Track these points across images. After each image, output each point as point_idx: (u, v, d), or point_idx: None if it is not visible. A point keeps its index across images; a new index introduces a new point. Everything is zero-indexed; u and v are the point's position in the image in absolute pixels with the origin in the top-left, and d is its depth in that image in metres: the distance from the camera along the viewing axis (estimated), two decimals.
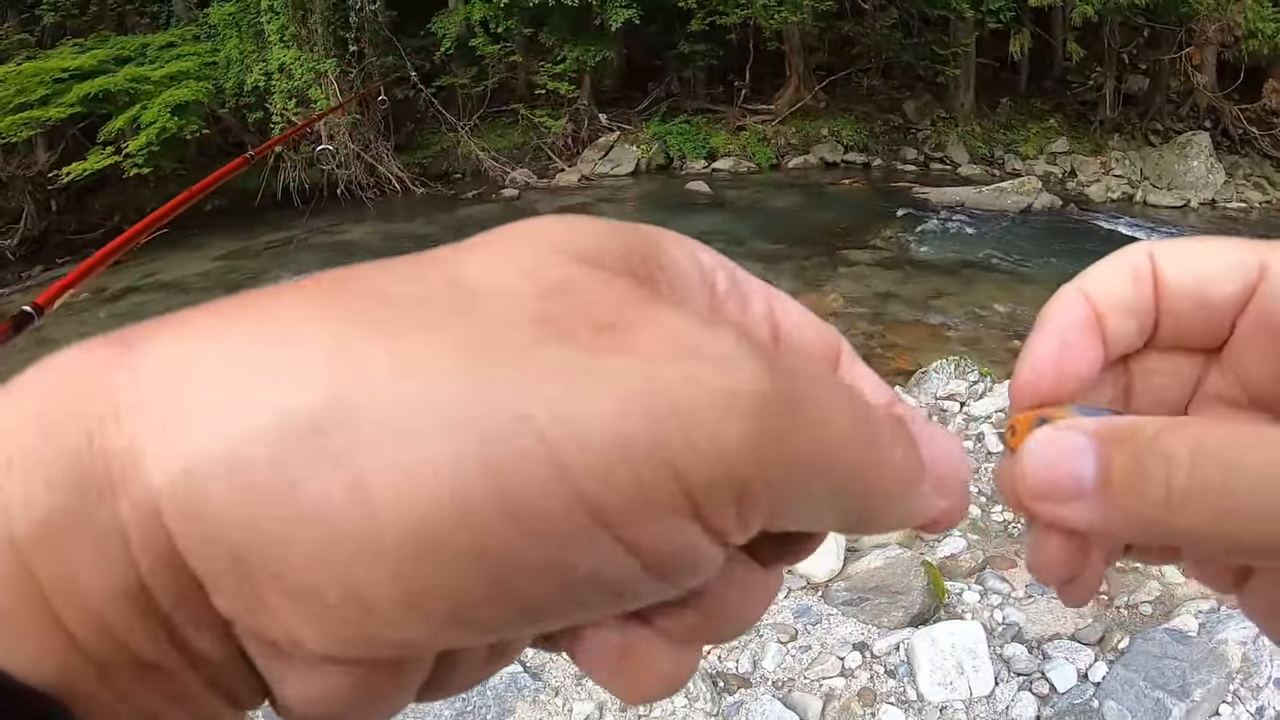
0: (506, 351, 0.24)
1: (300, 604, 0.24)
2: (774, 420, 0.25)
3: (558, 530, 0.23)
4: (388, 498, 0.22)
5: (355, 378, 0.23)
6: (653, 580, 0.26)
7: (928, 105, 19.27)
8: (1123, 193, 16.19)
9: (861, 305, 10.48)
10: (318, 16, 16.72)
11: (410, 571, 0.23)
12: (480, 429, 0.23)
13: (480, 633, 0.26)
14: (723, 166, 18.43)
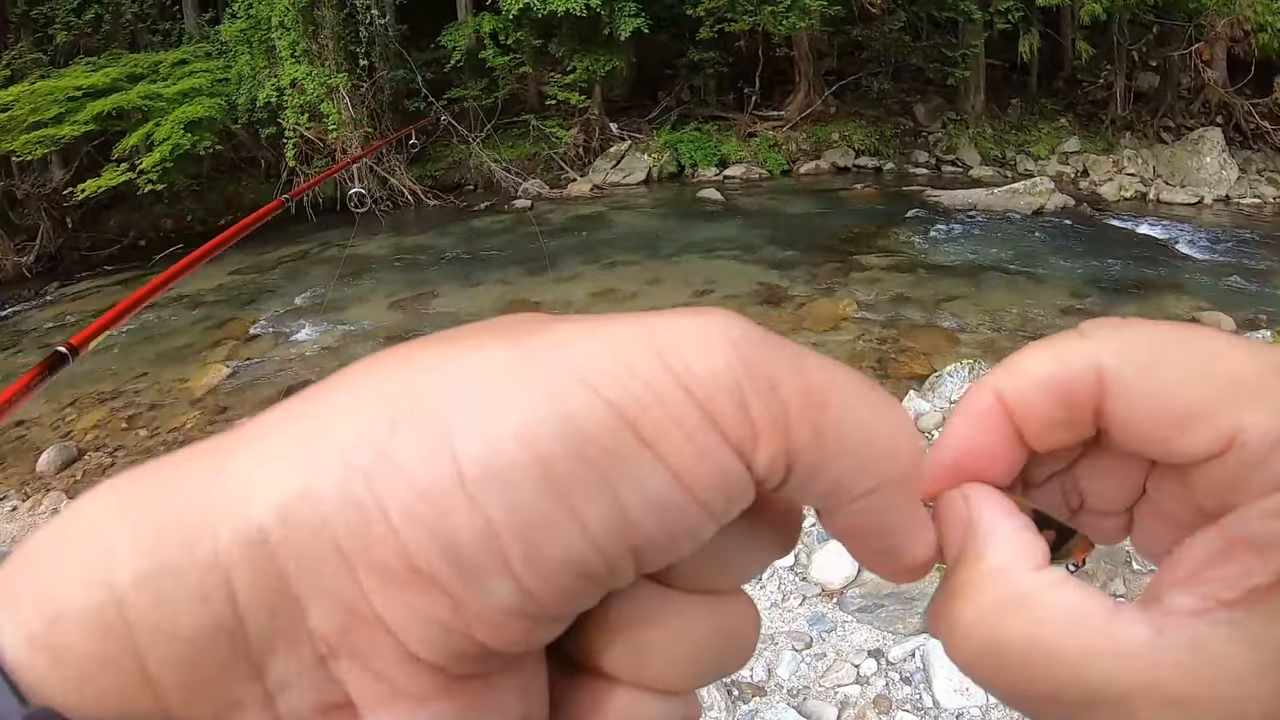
0: (539, 339, 0.29)
1: (397, 583, 0.27)
2: (747, 343, 0.29)
3: (608, 450, 0.27)
4: (465, 446, 0.26)
5: (425, 376, 0.29)
6: (696, 506, 0.29)
7: (938, 108, 19.26)
8: (1136, 191, 16.13)
9: (875, 310, 10.46)
10: (328, 32, 16.79)
11: (487, 496, 0.26)
12: (540, 383, 0.28)
13: (558, 580, 0.28)
14: (734, 173, 18.44)
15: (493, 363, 0.28)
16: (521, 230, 15.82)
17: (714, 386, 0.28)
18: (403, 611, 0.27)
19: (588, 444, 0.27)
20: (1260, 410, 0.32)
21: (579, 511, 0.27)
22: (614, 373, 0.28)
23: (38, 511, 7.63)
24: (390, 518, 0.26)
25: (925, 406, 6.90)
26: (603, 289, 12.07)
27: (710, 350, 0.29)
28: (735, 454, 0.29)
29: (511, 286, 12.64)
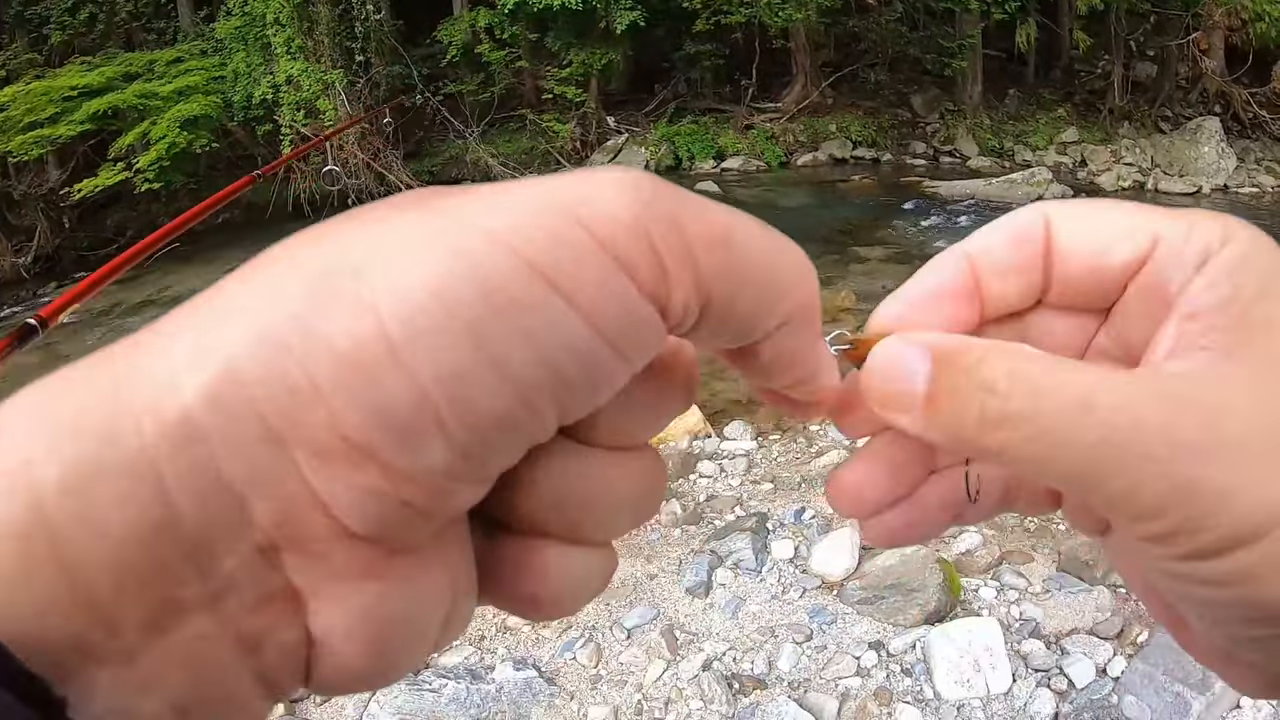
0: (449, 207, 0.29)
1: (330, 458, 0.27)
2: (650, 191, 0.30)
3: (520, 299, 0.28)
4: (386, 308, 0.27)
5: (338, 246, 0.29)
6: (609, 350, 0.30)
7: (935, 99, 19.22)
8: (1134, 181, 16.10)
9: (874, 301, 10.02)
10: (324, 28, 16.76)
11: (413, 356, 0.27)
12: (449, 242, 0.28)
13: (487, 435, 0.29)
14: (732, 166, 18.41)
15: (403, 229, 0.29)
16: None
17: (620, 231, 0.29)
18: (337, 485, 0.27)
19: (499, 294, 0.28)
20: (1170, 223, 0.40)
21: (501, 362, 0.28)
22: (520, 226, 0.28)
23: None
24: (319, 389, 0.26)
25: None
26: None
27: (616, 199, 0.30)
28: (647, 297, 0.30)
29: None
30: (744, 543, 5.29)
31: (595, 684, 4.56)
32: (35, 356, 5.17)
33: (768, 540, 5.42)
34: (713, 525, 5.78)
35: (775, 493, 6.15)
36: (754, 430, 7.16)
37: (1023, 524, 5.43)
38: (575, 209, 0.29)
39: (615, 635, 4.85)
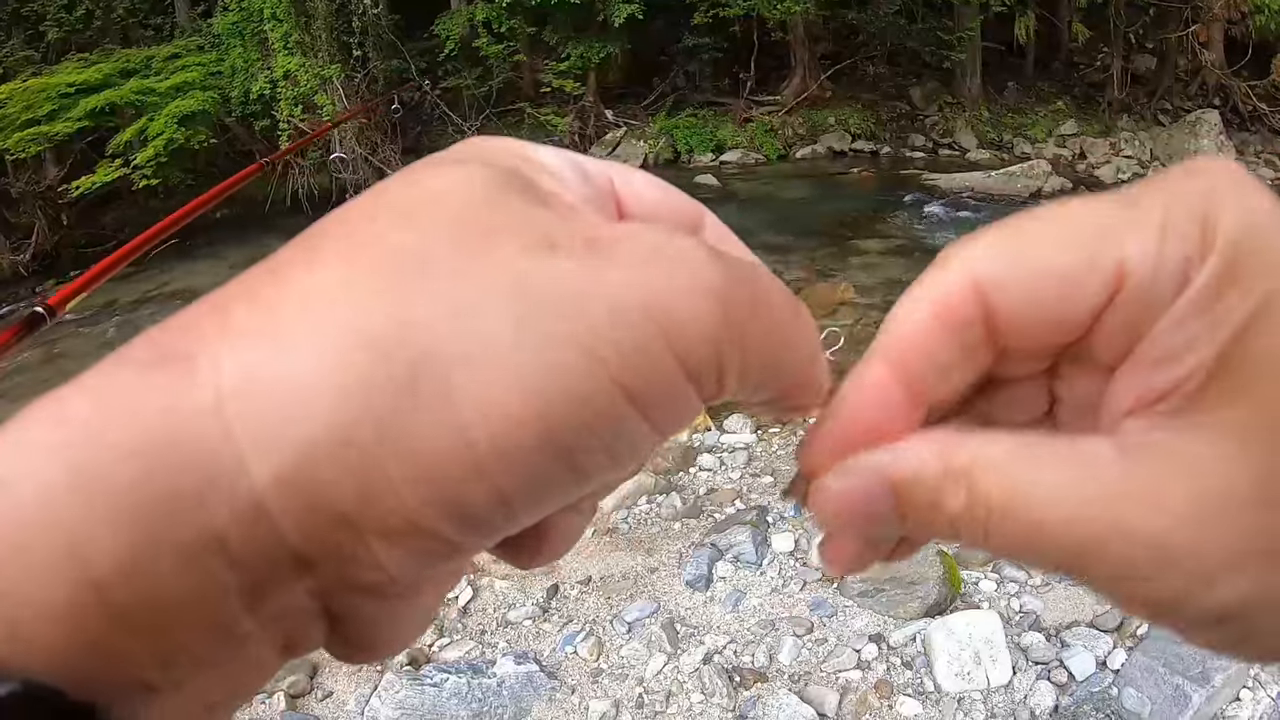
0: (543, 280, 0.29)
1: (402, 541, 0.28)
2: (734, 302, 0.30)
3: (607, 415, 0.28)
4: (473, 418, 0.27)
5: (424, 331, 0.27)
6: (656, 435, 0.31)
7: (934, 91, 19.19)
8: (1133, 173, 16.07)
9: (873, 294, 10.43)
10: (321, 23, 16.73)
11: (499, 473, 0.27)
12: (542, 353, 0.28)
13: (542, 512, 0.30)
14: (731, 159, 18.38)
15: (489, 311, 0.28)
16: None
17: (698, 350, 0.29)
18: (396, 552, 0.28)
19: (590, 413, 0.28)
20: (1137, 238, 0.32)
21: (581, 469, 0.29)
22: (611, 338, 0.28)
23: None
24: (396, 487, 0.27)
25: None
26: None
27: (699, 311, 0.29)
28: (700, 400, 0.31)
29: None
30: (744, 536, 5.30)
31: (596, 678, 4.57)
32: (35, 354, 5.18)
33: (768, 533, 5.42)
34: (713, 519, 5.79)
35: (775, 486, 6.15)
36: (754, 424, 7.15)
37: None
38: (661, 321, 0.29)
39: (616, 629, 4.86)
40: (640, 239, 0.31)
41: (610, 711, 4.34)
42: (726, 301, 0.30)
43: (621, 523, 5.90)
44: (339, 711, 4.65)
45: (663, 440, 0.32)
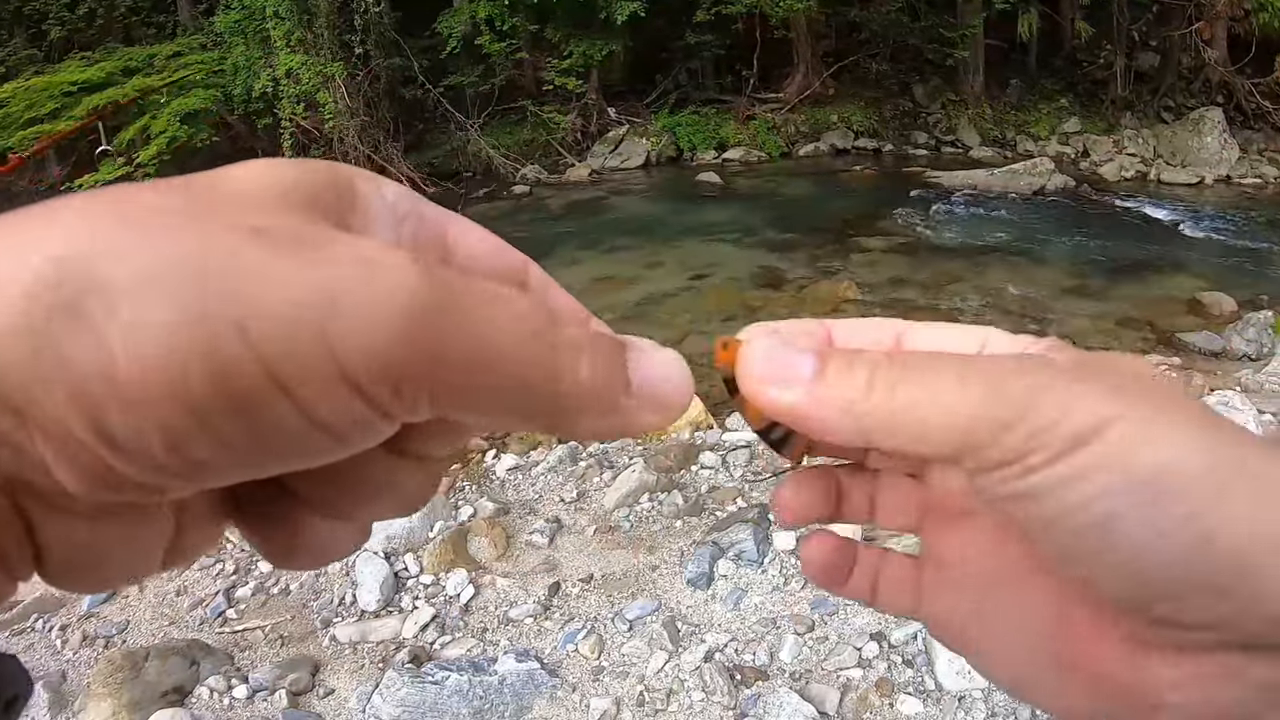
0: (224, 253, 0.29)
1: (61, 447, 0.29)
2: (422, 319, 0.30)
3: (247, 389, 0.29)
4: (123, 353, 0.28)
5: (107, 257, 0.29)
6: (328, 438, 0.31)
7: (937, 89, 19.19)
8: (1136, 171, 16.09)
9: (875, 291, 10.43)
10: (323, 21, 16.73)
11: (139, 409, 0.28)
12: (197, 309, 0.28)
13: (196, 471, 0.30)
14: (733, 156, 18.40)
15: (172, 265, 0.29)
16: (520, 217, 15.81)
17: (369, 369, 0.30)
18: (61, 461, 0.29)
19: (235, 395, 0.29)
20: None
21: (229, 441, 0.30)
22: (271, 331, 0.29)
23: None
24: (52, 390, 0.28)
25: None
26: (603, 274, 12.04)
27: (376, 325, 0.30)
28: (377, 415, 0.31)
29: None
30: (746, 534, 5.29)
31: (597, 675, 4.57)
32: None
33: (769, 531, 5.41)
34: (714, 516, 5.78)
35: (777, 484, 6.15)
36: None
37: None
38: (322, 318, 0.29)
39: (617, 627, 4.86)
40: (354, 246, 0.31)
41: (611, 709, 4.34)
42: (414, 319, 0.30)
43: (623, 520, 5.90)
44: (340, 709, 4.65)
45: (342, 443, 0.32)
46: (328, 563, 0.42)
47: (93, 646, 5.47)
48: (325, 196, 0.36)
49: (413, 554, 5.79)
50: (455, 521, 6.11)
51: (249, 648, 5.27)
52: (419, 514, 6.00)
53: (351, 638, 5.18)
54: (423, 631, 5.13)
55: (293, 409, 0.30)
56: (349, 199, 0.37)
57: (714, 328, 9.77)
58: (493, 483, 6.76)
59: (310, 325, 0.29)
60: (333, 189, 0.36)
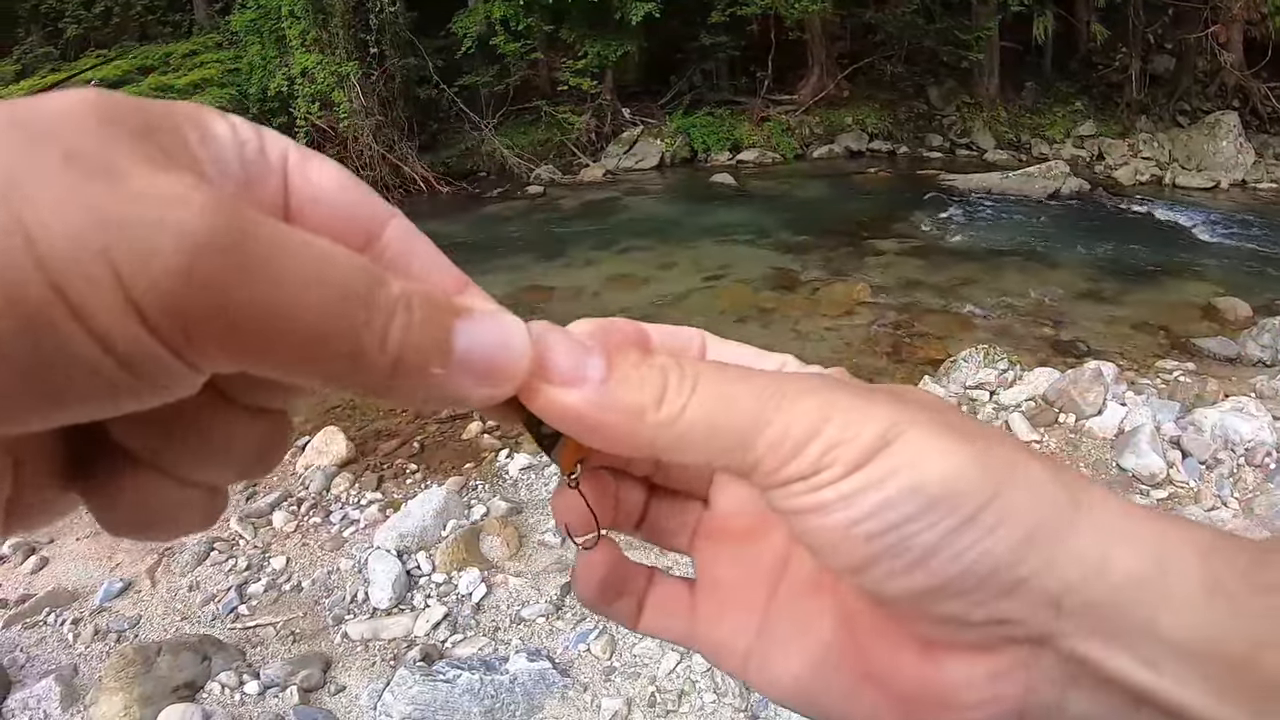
0: (28, 170, 0.29)
1: None
2: (207, 260, 0.30)
3: (34, 307, 0.28)
4: None
5: None
6: (127, 375, 0.30)
7: (952, 91, 19.15)
8: (1152, 175, 16.02)
9: (889, 294, 10.41)
10: (338, 20, 16.77)
11: None
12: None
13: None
14: (747, 158, 18.38)
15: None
16: (534, 216, 15.82)
17: (148, 294, 0.29)
18: None
19: (20, 299, 0.28)
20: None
21: (7, 356, 0.29)
22: (64, 245, 0.28)
23: None
24: None
25: (940, 392, 6.86)
26: (616, 274, 12.04)
27: (157, 252, 0.29)
28: (172, 355, 0.31)
29: (524, 272, 12.63)
30: None
31: (609, 676, 4.57)
32: None
33: None
34: None
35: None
36: None
37: None
38: (109, 242, 0.29)
39: None
40: (156, 180, 0.31)
41: (623, 710, 4.34)
42: (198, 258, 0.30)
43: None
44: (352, 706, 4.67)
45: (146, 383, 0.31)
46: (176, 533, 0.40)
47: (105, 640, 5.49)
48: (159, 131, 0.34)
49: (425, 552, 5.81)
50: (468, 520, 6.13)
51: (261, 644, 5.28)
52: (432, 513, 6.02)
53: (363, 635, 5.20)
54: (434, 630, 5.14)
55: (83, 334, 0.29)
56: (184, 135, 0.36)
57: (727, 329, 9.73)
58: (505, 482, 6.77)
59: (98, 249, 0.29)
60: (169, 123, 0.35)
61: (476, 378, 0.38)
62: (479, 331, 0.38)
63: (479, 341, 0.38)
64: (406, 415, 8.48)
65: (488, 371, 0.38)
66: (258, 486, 7.26)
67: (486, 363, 0.38)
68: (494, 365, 0.38)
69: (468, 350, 0.37)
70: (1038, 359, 8.06)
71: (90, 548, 6.76)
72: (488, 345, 0.38)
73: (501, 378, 0.39)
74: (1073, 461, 5.97)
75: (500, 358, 0.39)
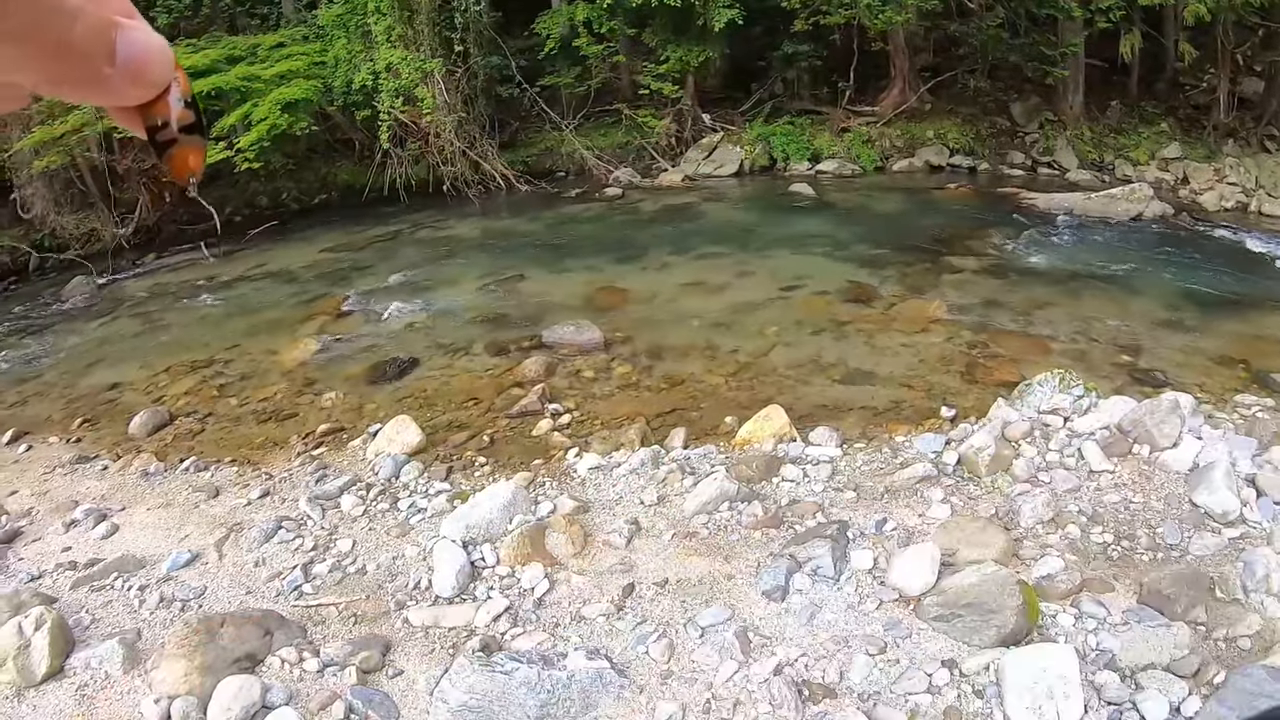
0: None
1: None
2: None
3: None
4: None
5: None
6: None
7: (1035, 108, 18.89)
8: (1237, 201, 15.64)
9: (965, 313, 10.30)
10: (423, 17, 16.96)
11: None
12: None
13: None
14: (826, 168, 18.29)
15: None
16: (611, 218, 15.88)
17: None
18: None
19: None
20: None
21: None
22: None
23: (127, 472, 7.84)
24: None
25: (1014, 416, 6.78)
26: (692, 279, 12.06)
27: None
28: None
29: (600, 273, 12.69)
30: (823, 550, 5.27)
31: (666, 680, 4.59)
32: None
33: (847, 549, 5.39)
34: (793, 530, 5.77)
35: (858, 501, 6.11)
36: (840, 437, 7.11)
37: (1105, 552, 5.33)
38: None
39: (689, 633, 4.87)
40: None
41: (677, 714, 4.35)
42: None
43: (701, 527, 5.91)
44: (409, 690, 4.73)
45: None
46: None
47: (169, 608, 5.61)
48: None
49: (490, 545, 5.86)
50: (534, 516, 6.17)
51: (322, 623, 5.37)
52: (499, 506, 6.08)
53: (424, 622, 5.26)
54: (495, 621, 5.19)
55: None
56: None
57: (801, 339, 9.73)
58: (573, 480, 6.81)
59: None
60: None
61: (129, 78, 0.52)
62: (128, 41, 0.51)
63: (129, 51, 0.51)
64: (479, 408, 8.57)
65: (139, 72, 0.52)
66: (328, 470, 7.38)
67: (139, 65, 0.52)
68: (143, 68, 0.52)
69: (127, 53, 0.51)
70: (1114, 387, 7.94)
71: (160, 518, 6.92)
72: (134, 52, 0.51)
73: (146, 79, 0.53)
74: (1145, 495, 5.88)
75: (148, 64, 0.53)
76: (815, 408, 7.97)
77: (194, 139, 0.58)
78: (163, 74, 0.53)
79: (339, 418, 8.64)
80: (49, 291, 14.42)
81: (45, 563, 6.35)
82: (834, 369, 8.94)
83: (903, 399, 8.19)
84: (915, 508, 5.95)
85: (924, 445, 6.74)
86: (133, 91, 0.53)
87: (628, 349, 9.77)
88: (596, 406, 8.47)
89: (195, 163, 0.59)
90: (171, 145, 0.58)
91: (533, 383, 8.86)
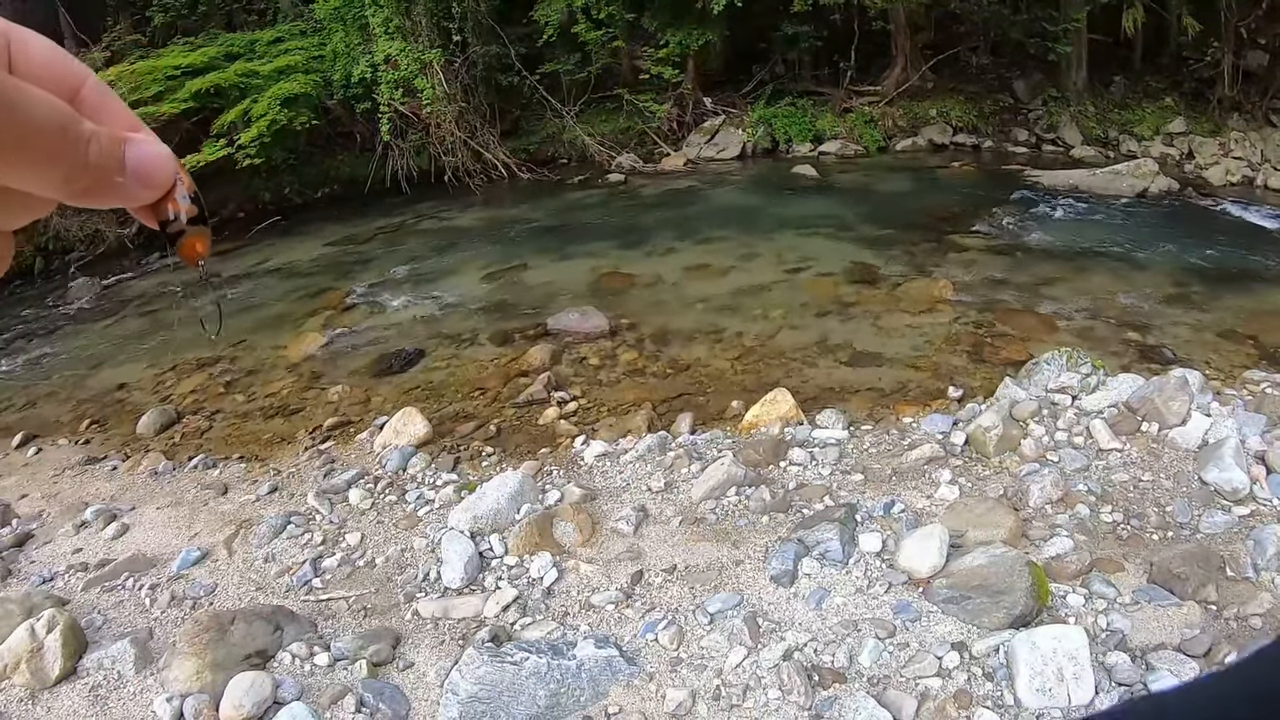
0: None
1: None
2: None
3: None
4: None
5: None
6: None
7: (1039, 84, 18.81)
8: (1243, 176, 15.55)
9: (971, 292, 10.27)
10: (421, 8, 16.93)
11: None
12: None
13: None
14: (829, 149, 18.24)
15: None
16: (615, 204, 15.86)
17: None
18: None
19: None
20: None
21: None
22: None
23: (136, 471, 7.85)
24: None
25: (1021, 394, 6.76)
26: (697, 263, 12.03)
27: None
28: None
29: (604, 259, 12.67)
30: (831, 533, 5.25)
31: (675, 666, 4.58)
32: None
33: (855, 532, 5.37)
34: (801, 514, 5.75)
35: (865, 484, 6.10)
36: (846, 419, 7.09)
37: (1114, 531, 5.31)
38: None
39: (698, 619, 4.86)
40: None
41: (687, 701, 4.34)
42: None
43: (709, 513, 5.89)
44: (419, 682, 4.73)
45: None
46: None
47: (180, 607, 5.62)
48: None
49: (498, 535, 5.85)
50: (542, 505, 6.16)
51: (332, 617, 5.37)
52: (506, 496, 6.08)
53: (434, 613, 5.26)
54: (504, 612, 5.19)
55: None
56: None
57: (807, 321, 9.71)
58: (581, 468, 6.80)
59: None
60: None
61: (141, 183, 0.58)
62: (135, 154, 0.57)
63: (136, 162, 0.57)
64: (485, 398, 8.56)
65: (147, 178, 0.58)
66: (335, 464, 7.38)
67: (146, 172, 0.58)
68: (150, 174, 0.58)
69: (135, 164, 0.57)
70: (1122, 364, 7.91)
71: (169, 516, 6.92)
72: (141, 163, 0.57)
73: (154, 183, 0.59)
74: (1154, 473, 5.85)
75: (154, 171, 0.58)
76: (822, 390, 7.95)
77: (199, 229, 0.65)
78: (167, 177, 0.60)
79: (346, 411, 8.64)
80: (54, 293, 14.42)
81: (57, 565, 6.36)
82: (840, 351, 8.91)
83: (910, 380, 8.17)
84: (923, 489, 5.93)
85: (931, 426, 6.72)
86: (143, 194, 0.59)
87: (633, 334, 9.75)
88: (603, 393, 8.46)
89: (202, 248, 0.66)
90: (181, 235, 0.64)
91: (539, 371, 8.85)
